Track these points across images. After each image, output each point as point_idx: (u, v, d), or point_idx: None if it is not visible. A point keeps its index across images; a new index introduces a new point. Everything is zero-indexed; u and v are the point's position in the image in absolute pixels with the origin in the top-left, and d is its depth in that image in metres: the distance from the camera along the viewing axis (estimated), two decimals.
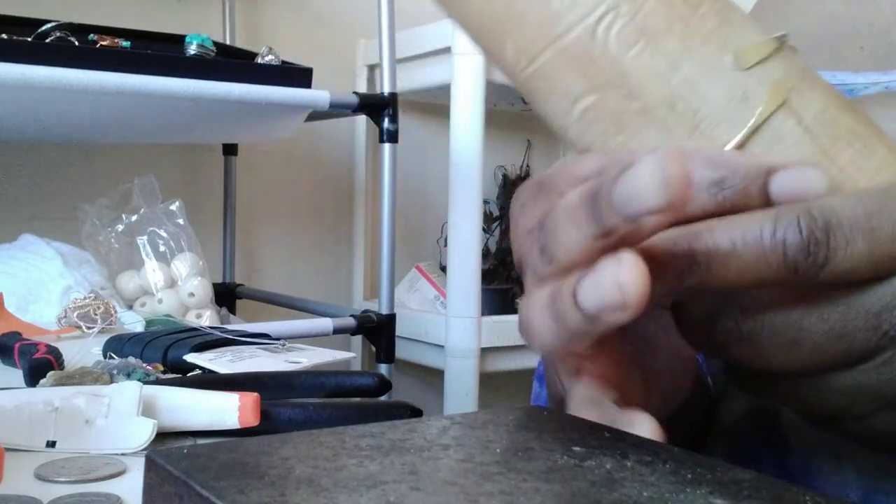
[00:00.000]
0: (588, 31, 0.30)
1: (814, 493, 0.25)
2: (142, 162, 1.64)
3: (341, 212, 1.91)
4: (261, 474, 0.25)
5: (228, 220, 1.73)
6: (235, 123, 1.45)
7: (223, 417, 0.48)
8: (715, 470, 0.27)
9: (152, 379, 0.58)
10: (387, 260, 1.49)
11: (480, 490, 0.24)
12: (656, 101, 0.30)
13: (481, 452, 0.27)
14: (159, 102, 1.22)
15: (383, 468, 0.26)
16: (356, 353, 1.82)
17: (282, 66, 1.38)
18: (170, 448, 0.27)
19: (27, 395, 0.51)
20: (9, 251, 1.16)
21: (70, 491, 0.40)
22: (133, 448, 0.45)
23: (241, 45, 1.64)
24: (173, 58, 1.27)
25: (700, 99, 0.30)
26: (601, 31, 0.30)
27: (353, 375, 0.60)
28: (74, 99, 1.16)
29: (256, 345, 0.72)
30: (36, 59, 1.12)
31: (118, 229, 1.35)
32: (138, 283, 1.33)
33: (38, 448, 0.45)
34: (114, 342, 0.71)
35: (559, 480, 0.25)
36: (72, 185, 1.59)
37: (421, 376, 1.85)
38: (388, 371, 1.49)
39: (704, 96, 0.30)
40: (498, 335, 1.59)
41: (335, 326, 1.41)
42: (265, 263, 1.85)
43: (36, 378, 0.58)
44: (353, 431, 0.29)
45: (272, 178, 1.83)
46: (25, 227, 1.33)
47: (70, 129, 1.41)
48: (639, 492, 0.25)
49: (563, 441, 0.29)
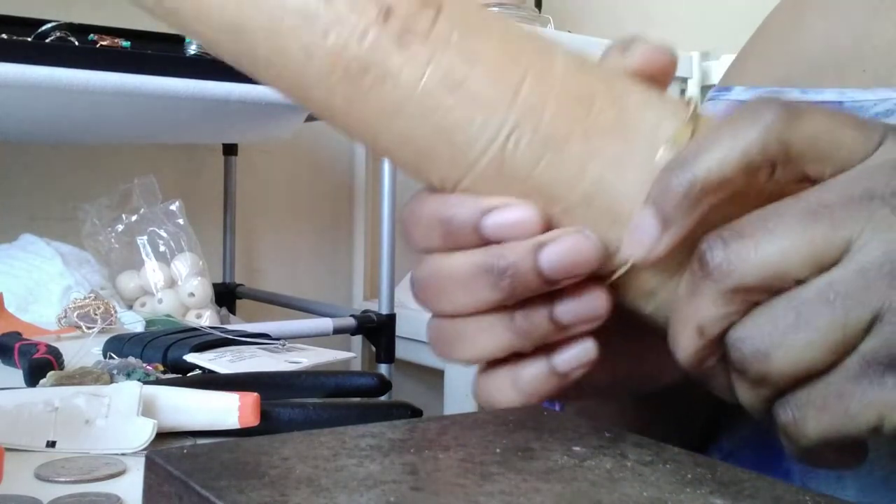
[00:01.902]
0: (498, 152, 0.31)
1: (814, 494, 0.25)
2: (142, 162, 1.64)
3: (341, 212, 1.91)
4: (261, 474, 0.25)
5: (228, 220, 1.73)
6: (235, 123, 1.45)
7: (223, 417, 0.48)
8: (715, 470, 0.27)
9: (152, 379, 0.58)
10: (387, 260, 1.49)
11: (480, 490, 0.24)
12: (574, 203, 0.32)
13: (481, 452, 0.27)
14: (159, 102, 1.22)
15: (383, 468, 0.26)
16: (356, 353, 1.82)
17: None
18: (170, 448, 0.27)
19: (27, 395, 0.51)
20: (9, 251, 1.16)
21: (70, 491, 0.40)
22: (133, 448, 0.45)
23: None
24: (173, 58, 1.27)
25: (614, 193, 0.31)
26: (510, 149, 0.31)
27: (353, 375, 0.60)
28: (74, 99, 1.16)
29: (256, 345, 0.72)
30: (36, 59, 1.12)
31: (118, 229, 1.35)
32: (138, 283, 1.33)
33: (38, 448, 0.45)
34: (114, 342, 0.71)
35: (559, 480, 0.25)
36: (72, 185, 1.59)
37: (421, 376, 1.85)
38: (388, 371, 1.49)
39: (617, 190, 0.31)
40: None
41: (335, 326, 1.41)
42: (265, 263, 1.85)
43: (36, 378, 0.58)
44: (353, 431, 0.29)
45: (272, 178, 1.83)
46: (25, 227, 1.33)
47: (70, 129, 1.41)
48: (639, 492, 0.25)
49: (563, 441, 0.29)
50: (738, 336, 0.29)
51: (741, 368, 0.29)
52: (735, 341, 0.29)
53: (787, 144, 0.28)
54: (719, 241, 0.29)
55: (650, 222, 0.30)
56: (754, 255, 0.28)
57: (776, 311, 0.28)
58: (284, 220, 1.85)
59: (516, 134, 0.31)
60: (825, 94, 0.47)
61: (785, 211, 0.28)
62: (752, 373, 0.28)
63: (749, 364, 0.28)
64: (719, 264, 0.28)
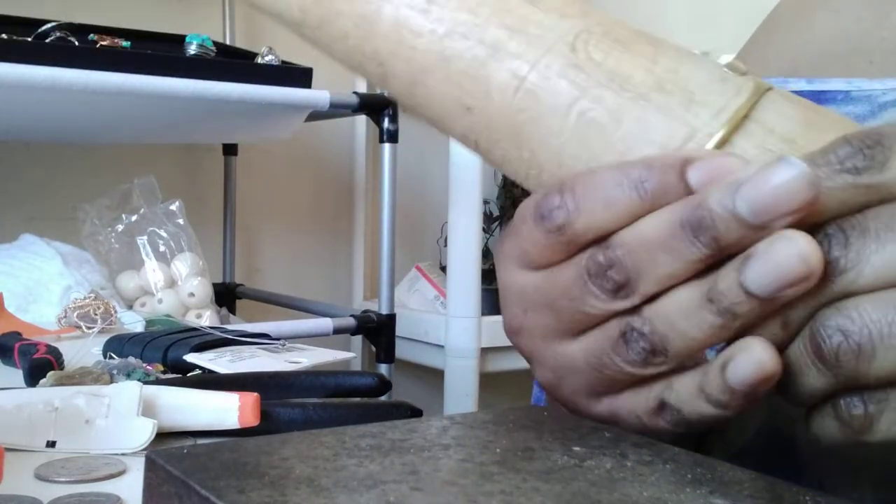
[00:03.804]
0: None
1: (814, 493, 0.25)
2: (142, 162, 1.64)
3: (341, 212, 1.91)
4: (261, 474, 0.25)
5: (228, 220, 1.73)
6: (235, 123, 1.45)
7: (223, 417, 0.48)
8: (715, 470, 0.27)
9: (152, 379, 0.58)
10: (387, 260, 1.49)
11: (480, 490, 0.24)
12: (649, 88, 0.32)
13: (481, 452, 0.27)
14: (159, 102, 1.22)
15: (383, 468, 0.26)
16: (356, 353, 1.82)
17: (282, 66, 1.38)
18: (170, 448, 0.27)
19: (27, 395, 0.51)
20: (9, 251, 1.16)
21: (70, 491, 0.40)
22: (133, 448, 0.45)
23: (241, 45, 1.64)
24: (173, 58, 1.28)
25: (686, 80, 0.32)
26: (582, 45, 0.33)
27: (353, 375, 0.60)
28: (74, 99, 1.16)
29: (256, 345, 0.72)
30: (36, 59, 1.12)
31: (118, 229, 1.35)
32: (138, 283, 1.33)
33: (38, 448, 0.45)
34: (114, 342, 0.71)
35: (559, 480, 0.25)
36: (72, 185, 1.59)
37: (421, 376, 1.85)
38: (388, 371, 1.49)
39: (688, 78, 0.32)
40: (498, 335, 1.59)
41: (335, 326, 1.41)
42: (265, 263, 1.85)
43: (36, 378, 0.58)
44: (353, 431, 0.29)
45: (272, 178, 1.83)
46: (25, 227, 1.33)
47: (70, 129, 1.41)
48: (639, 492, 0.25)
49: (563, 441, 0.29)
50: (834, 325, 0.27)
51: (827, 360, 0.27)
52: (829, 331, 0.27)
53: None
54: (840, 235, 0.27)
55: None
56: (877, 255, 0.26)
57: (888, 308, 0.26)
58: (284, 219, 1.85)
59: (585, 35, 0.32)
60: (832, 84, 0.47)
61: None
62: (845, 368, 0.27)
63: (844, 360, 0.27)
64: (836, 259, 0.27)
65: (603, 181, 0.30)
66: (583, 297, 0.30)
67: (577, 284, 0.30)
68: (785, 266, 0.26)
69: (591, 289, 0.30)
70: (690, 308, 0.28)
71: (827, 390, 0.28)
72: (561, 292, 0.31)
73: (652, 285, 0.29)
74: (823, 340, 0.27)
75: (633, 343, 0.30)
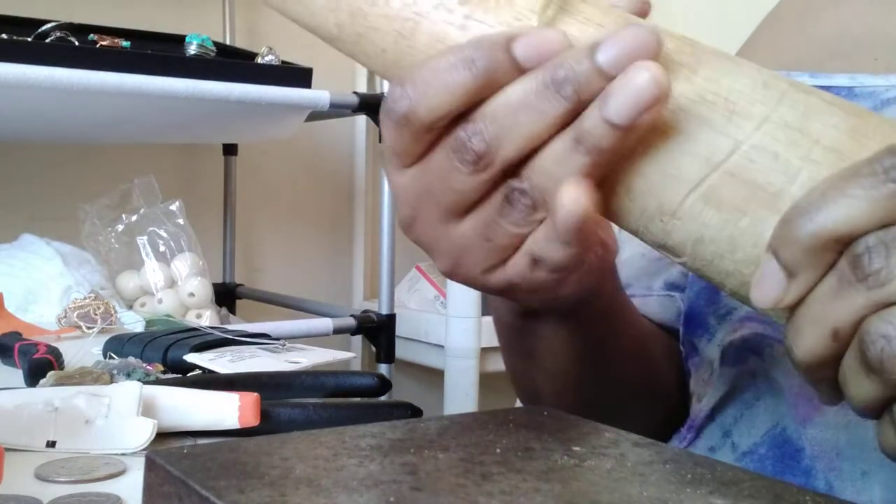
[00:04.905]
0: None
1: (814, 493, 0.25)
2: (142, 162, 1.64)
3: (341, 212, 1.91)
4: (261, 474, 0.25)
5: (228, 220, 1.73)
6: (235, 123, 1.45)
7: (223, 417, 0.48)
8: (715, 470, 0.27)
9: (152, 379, 0.58)
10: (387, 260, 1.49)
11: (480, 490, 0.24)
12: None
13: (481, 452, 0.27)
14: (159, 102, 1.22)
15: (383, 468, 0.26)
16: (356, 353, 1.82)
17: (282, 66, 1.38)
18: (170, 448, 0.27)
19: (27, 395, 0.51)
20: (9, 251, 1.16)
21: (70, 491, 0.40)
22: (133, 448, 0.45)
23: (241, 45, 1.64)
24: (173, 58, 1.27)
25: None
26: None
27: (353, 375, 0.60)
28: (74, 99, 1.16)
29: (256, 345, 0.72)
30: (36, 59, 1.12)
31: (118, 229, 1.35)
32: (138, 283, 1.33)
33: (38, 448, 0.45)
34: (114, 342, 0.71)
35: (559, 480, 0.25)
36: (72, 185, 1.59)
37: (421, 376, 1.85)
38: (388, 371, 1.49)
39: None
40: None
41: (335, 326, 1.41)
42: (265, 263, 1.85)
43: (36, 378, 0.58)
44: (353, 431, 0.29)
45: (272, 178, 1.83)
46: (25, 227, 1.33)
47: (70, 129, 1.41)
48: (639, 492, 0.25)
49: (563, 441, 0.29)
50: (876, 332, 0.27)
51: (874, 366, 0.27)
52: (873, 337, 0.27)
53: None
54: (881, 246, 0.27)
55: (777, 274, 0.28)
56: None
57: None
58: (284, 220, 1.85)
59: None
60: (835, 79, 0.47)
61: None
62: (892, 374, 0.27)
63: (890, 365, 0.27)
64: (878, 270, 0.27)
65: (437, 66, 0.32)
66: (450, 175, 0.33)
67: (445, 166, 0.33)
68: (640, 91, 0.30)
69: (455, 164, 0.33)
70: (563, 154, 0.32)
71: (882, 398, 0.28)
72: (435, 177, 0.34)
73: (512, 150, 0.32)
74: (867, 347, 0.27)
75: (516, 202, 0.33)
